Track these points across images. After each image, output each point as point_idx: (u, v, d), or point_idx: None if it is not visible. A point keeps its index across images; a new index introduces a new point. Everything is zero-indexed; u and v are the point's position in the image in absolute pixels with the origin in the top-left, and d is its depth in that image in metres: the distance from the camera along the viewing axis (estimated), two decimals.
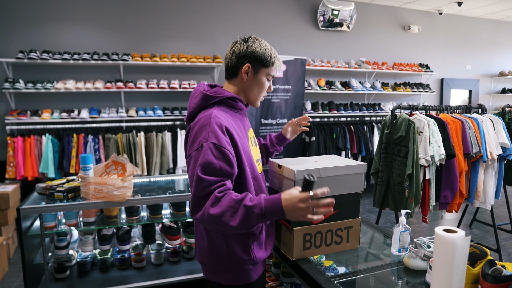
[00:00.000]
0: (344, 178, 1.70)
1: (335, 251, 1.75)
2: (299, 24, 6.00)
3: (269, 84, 1.54)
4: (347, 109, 5.95)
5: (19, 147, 4.33)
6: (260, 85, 1.50)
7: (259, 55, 1.46)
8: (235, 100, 1.48)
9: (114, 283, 2.73)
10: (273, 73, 1.51)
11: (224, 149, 1.30)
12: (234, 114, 1.49)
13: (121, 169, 2.58)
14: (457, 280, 1.18)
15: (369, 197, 5.96)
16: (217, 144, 1.29)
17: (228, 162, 1.31)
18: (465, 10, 6.90)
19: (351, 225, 1.77)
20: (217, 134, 1.31)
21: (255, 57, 1.46)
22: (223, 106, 1.46)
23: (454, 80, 7.39)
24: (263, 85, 1.51)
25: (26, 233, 2.48)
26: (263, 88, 1.52)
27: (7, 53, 4.52)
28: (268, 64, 1.48)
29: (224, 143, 1.30)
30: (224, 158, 1.30)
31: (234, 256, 1.43)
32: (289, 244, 1.65)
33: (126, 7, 5.03)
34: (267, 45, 1.49)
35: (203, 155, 1.28)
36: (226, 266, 1.44)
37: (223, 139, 1.31)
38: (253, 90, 1.51)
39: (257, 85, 1.50)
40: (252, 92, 1.51)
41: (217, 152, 1.29)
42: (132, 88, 4.82)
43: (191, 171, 1.31)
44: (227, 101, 1.47)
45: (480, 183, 3.51)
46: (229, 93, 1.47)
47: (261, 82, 1.50)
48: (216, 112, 1.39)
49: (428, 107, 3.44)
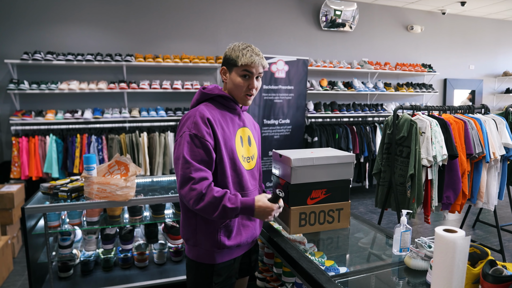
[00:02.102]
0: (335, 167, 1.99)
1: (327, 229, 2.05)
2: (301, 25, 6.01)
3: (249, 82, 1.60)
4: (349, 109, 5.95)
5: (23, 148, 4.37)
6: (235, 84, 1.61)
7: (228, 56, 1.61)
8: (226, 98, 1.64)
9: (117, 282, 2.75)
10: (248, 70, 1.58)
11: (202, 140, 1.50)
12: (224, 111, 1.65)
13: (124, 169, 2.60)
14: (457, 280, 1.19)
15: (371, 197, 5.96)
16: (198, 135, 1.50)
17: (206, 150, 1.51)
18: (469, 10, 6.89)
19: (342, 207, 2.04)
20: (199, 125, 1.51)
21: (226, 59, 1.62)
22: (214, 103, 1.65)
23: (457, 80, 7.37)
24: (239, 83, 1.60)
25: (31, 232, 2.50)
26: (239, 85, 1.60)
27: (12, 54, 4.56)
28: (235, 63, 1.58)
29: (203, 133, 1.51)
30: (202, 146, 1.50)
31: (201, 234, 1.60)
32: (286, 221, 1.96)
33: (129, 8, 5.05)
34: (239, 46, 1.59)
35: (185, 142, 1.50)
36: (194, 241, 1.62)
37: (203, 129, 1.51)
38: (233, 89, 1.63)
39: (233, 84, 1.62)
40: (234, 92, 1.64)
41: (197, 141, 1.50)
42: (135, 89, 4.84)
43: (175, 153, 1.54)
44: (218, 99, 1.65)
45: (483, 183, 3.51)
46: (221, 92, 1.64)
47: (236, 81, 1.60)
48: (204, 107, 1.59)
49: (431, 107, 3.44)
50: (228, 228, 1.60)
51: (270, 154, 5.28)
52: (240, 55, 1.57)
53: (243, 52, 1.57)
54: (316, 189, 1.96)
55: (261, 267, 2.33)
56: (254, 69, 1.58)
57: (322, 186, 1.97)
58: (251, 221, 1.69)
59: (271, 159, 5.25)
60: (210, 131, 1.53)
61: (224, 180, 1.58)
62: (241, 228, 1.65)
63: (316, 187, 1.96)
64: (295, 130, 5.44)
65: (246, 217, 1.66)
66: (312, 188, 1.95)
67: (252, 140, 1.76)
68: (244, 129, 1.72)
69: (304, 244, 1.93)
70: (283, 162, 1.97)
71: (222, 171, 1.57)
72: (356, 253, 2.00)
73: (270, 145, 5.27)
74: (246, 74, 1.59)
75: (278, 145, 5.32)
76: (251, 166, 1.72)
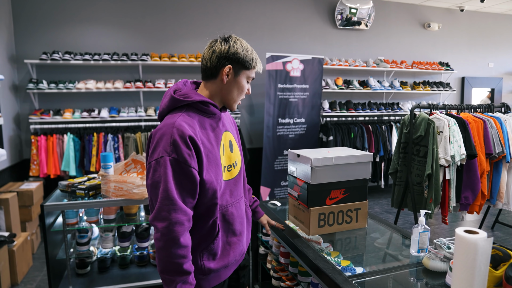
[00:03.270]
0: (353, 166, 1.98)
1: (345, 230, 2.03)
2: (316, 23, 5.97)
3: (248, 86, 1.48)
4: (365, 108, 5.89)
5: (42, 146, 4.45)
6: (239, 88, 1.43)
7: (241, 56, 1.39)
8: (206, 104, 1.38)
9: (133, 279, 2.77)
10: (252, 75, 1.46)
11: (185, 166, 1.26)
12: (204, 119, 1.39)
13: (140, 168, 2.62)
14: (478, 282, 1.16)
15: (387, 197, 5.89)
16: (179, 160, 1.25)
17: (189, 177, 1.28)
18: (488, 7, 6.74)
19: (360, 207, 2.04)
20: (178, 147, 1.25)
21: (237, 58, 1.38)
22: (192, 110, 1.37)
23: (476, 79, 7.22)
24: (243, 88, 1.45)
25: (49, 229, 2.55)
26: (243, 91, 1.45)
27: (31, 55, 4.65)
28: (249, 67, 1.42)
29: (185, 157, 1.26)
30: (185, 174, 1.27)
31: None
32: (306, 222, 1.94)
33: (145, 8, 5.10)
34: (248, 47, 1.43)
35: (165, 170, 1.25)
36: None
37: (184, 153, 1.25)
38: (232, 92, 1.43)
39: (236, 88, 1.43)
40: (231, 95, 1.44)
41: (180, 167, 1.26)
42: (150, 88, 4.89)
43: (150, 179, 1.29)
44: (197, 105, 1.38)
45: (503, 184, 3.43)
46: (200, 96, 1.38)
47: (241, 85, 1.43)
48: (181, 120, 1.30)
49: (448, 106, 3.38)
50: (211, 251, 1.40)
51: (285, 153, 5.26)
52: (254, 58, 1.43)
53: (256, 56, 1.45)
54: (335, 189, 1.96)
55: (276, 266, 2.33)
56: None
57: (341, 186, 1.97)
58: (237, 236, 1.49)
59: (285, 158, 5.24)
60: (192, 153, 1.27)
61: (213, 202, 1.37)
62: (227, 248, 1.46)
63: (335, 187, 1.96)
64: (310, 129, 5.41)
65: (232, 233, 1.47)
66: (331, 188, 1.95)
67: (234, 143, 1.54)
68: (226, 134, 1.49)
69: (320, 244, 1.91)
70: (301, 162, 1.95)
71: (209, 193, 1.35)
72: (372, 253, 1.97)
73: (285, 144, 5.26)
74: (249, 79, 1.47)
75: (293, 144, 5.30)
76: (232, 174, 1.49)
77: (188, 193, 1.29)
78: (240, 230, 1.50)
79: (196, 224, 1.37)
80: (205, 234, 1.40)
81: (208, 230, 1.40)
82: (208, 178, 1.33)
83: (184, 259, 1.27)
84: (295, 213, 2.09)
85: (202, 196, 1.34)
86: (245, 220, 1.57)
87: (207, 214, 1.38)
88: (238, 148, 1.57)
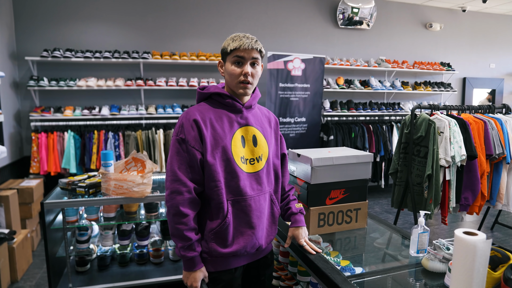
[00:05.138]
0: (354, 166, 1.99)
1: (345, 230, 2.04)
2: (318, 23, 5.97)
3: (242, 68, 1.48)
4: (366, 108, 5.88)
5: (42, 143, 4.46)
6: (229, 73, 1.51)
7: (222, 48, 1.54)
8: (222, 95, 1.53)
9: (133, 277, 2.78)
10: (239, 55, 1.47)
11: (188, 145, 1.45)
12: (221, 110, 1.53)
13: (140, 166, 2.63)
14: (477, 284, 1.16)
15: (387, 197, 5.89)
16: (184, 139, 1.45)
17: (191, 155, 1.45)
18: (490, 7, 6.72)
19: (360, 207, 2.04)
20: (185, 129, 1.46)
21: (221, 50, 1.55)
22: (211, 102, 1.56)
23: (477, 79, 7.21)
24: (232, 71, 1.49)
25: (50, 226, 2.56)
26: (233, 74, 1.49)
27: (32, 52, 4.65)
28: (227, 51, 1.50)
29: (189, 137, 1.45)
30: (188, 152, 1.45)
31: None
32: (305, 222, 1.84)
33: (146, 6, 5.10)
34: (232, 35, 1.53)
35: (172, 147, 1.48)
36: None
37: (189, 133, 1.45)
38: (229, 81, 1.53)
39: (228, 75, 1.52)
40: (230, 83, 1.53)
41: (184, 146, 1.45)
42: (151, 86, 4.89)
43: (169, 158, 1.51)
44: (215, 97, 1.55)
45: (503, 185, 3.43)
46: (217, 89, 1.54)
47: (229, 69, 1.50)
48: (194, 108, 1.52)
49: (449, 106, 3.38)
50: (219, 234, 1.48)
51: None
52: (231, 41, 1.49)
53: (234, 38, 1.49)
54: (335, 189, 1.96)
55: (276, 265, 2.33)
56: (245, 53, 1.47)
57: (341, 186, 1.98)
58: (252, 228, 1.52)
59: None
60: (196, 134, 1.45)
61: (213, 183, 1.46)
62: (239, 236, 1.51)
63: (335, 187, 1.96)
64: (311, 129, 5.41)
65: (244, 223, 1.51)
66: (331, 188, 1.95)
67: (260, 139, 1.59)
68: (248, 128, 1.56)
69: (320, 244, 1.91)
70: (301, 162, 1.96)
71: (210, 174, 1.45)
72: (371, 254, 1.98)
73: (285, 144, 5.25)
74: (238, 60, 1.48)
75: (293, 143, 5.30)
76: (256, 168, 1.55)
77: (190, 168, 1.45)
78: (256, 224, 1.53)
79: (203, 204, 1.52)
80: (211, 216, 1.50)
81: (214, 213, 1.49)
82: (211, 160, 1.45)
83: (184, 226, 1.43)
84: None
85: (206, 177, 1.47)
86: (266, 216, 1.58)
87: (211, 196, 1.48)
88: (267, 145, 1.62)
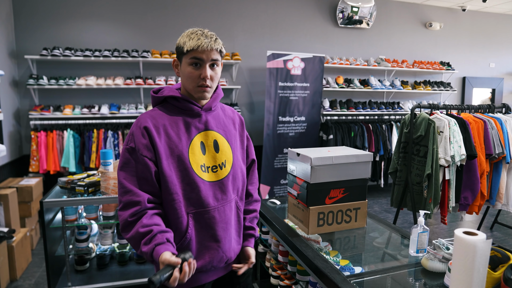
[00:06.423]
0: (353, 166, 1.99)
1: (344, 229, 2.04)
2: (318, 22, 5.96)
3: (200, 71, 1.35)
4: (365, 107, 5.88)
5: (42, 142, 4.45)
6: (185, 75, 1.37)
7: (177, 45, 1.39)
8: (177, 99, 1.40)
9: (132, 276, 2.78)
10: (196, 56, 1.33)
11: (139, 154, 1.32)
12: (176, 116, 1.40)
13: None
14: (477, 284, 1.16)
15: (386, 196, 5.89)
16: (134, 148, 1.32)
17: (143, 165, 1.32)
18: (490, 6, 6.72)
19: (359, 206, 2.04)
20: (135, 137, 1.34)
21: (176, 49, 1.40)
22: (167, 106, 1.42)
23: (477, 79, 7.21)
24: (189, 74, 1.35)
25: (49, 225, 2.55)
26: (190, 77, 1.36)
27: (32, 50, 4.64)
28: (183, 50, 1.35)
29: (139, 146, 1.32)
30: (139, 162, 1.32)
31: None
32: (305, 221, 1.94)
33: (146, 5, 5.09)
34: (189, 31, 1.38)
35: (122, 158, 1.35)
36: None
37: (139, 142, 1.32)
38: (185, 83, 1.39)
39: (184, 76, 1.38)
40: (187, 86, 1.39)
41: (134, 156, 1.32)
42: (151, 85, 4.88)
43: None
44: (170, 100, 1.42)
45: (503, 184, 3.43)
46: (172, 92, 1.40)
47: (186, 72, 1.36)
48: (147, 113, 1.39)
49: (449, 106, 3.38)
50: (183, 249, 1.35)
51: (285, 152, 5.26)
52: (187, 40, 1.33)
53: (191, 37, 1.34)
54: (334, 188, 1.96)
55: (275, 265, 2.33)
56: (203, 54, 1.32)
57: (340, 185, 1.97)
58: (217, 242, 1.40)
59: (285, 156, 5.24)
60: (147, 142, 1.32)
61: (170, 197, 1.33)
62: (204, 251, 1.39)
63: (335, 186, 1.96)
64: (310, 128, 5.41)
65: (209, 237, 1.39)
66: (331, 188, 1.95)
67: (223, 144, 1.46)
68: (208, 133, 1.43)
69: (319, 243, 1.91)
70: (301, 161, 1.96)
71: (166, 186, 1.33)
72: (371, 253, 1.98)
73: (285, 143, 5.26)
74: (196, 62, 1.34)
75: (293, 142, 5.30)
76: (219, 176, 1.41)
77: (142, 180, 1.32)
78: (222, 236, 1.41)
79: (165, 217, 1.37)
80: (174, 229, 1.36)
81: (173, 228, 1.36)
82: (166, 171, 1.32)
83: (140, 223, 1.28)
84: (294, 212, 2.09)
85: (162, 190, 1.35)
86: (233, 227, 1.46)
87: (168, 210, 1.36)
88: (231, 149, 1.48)
